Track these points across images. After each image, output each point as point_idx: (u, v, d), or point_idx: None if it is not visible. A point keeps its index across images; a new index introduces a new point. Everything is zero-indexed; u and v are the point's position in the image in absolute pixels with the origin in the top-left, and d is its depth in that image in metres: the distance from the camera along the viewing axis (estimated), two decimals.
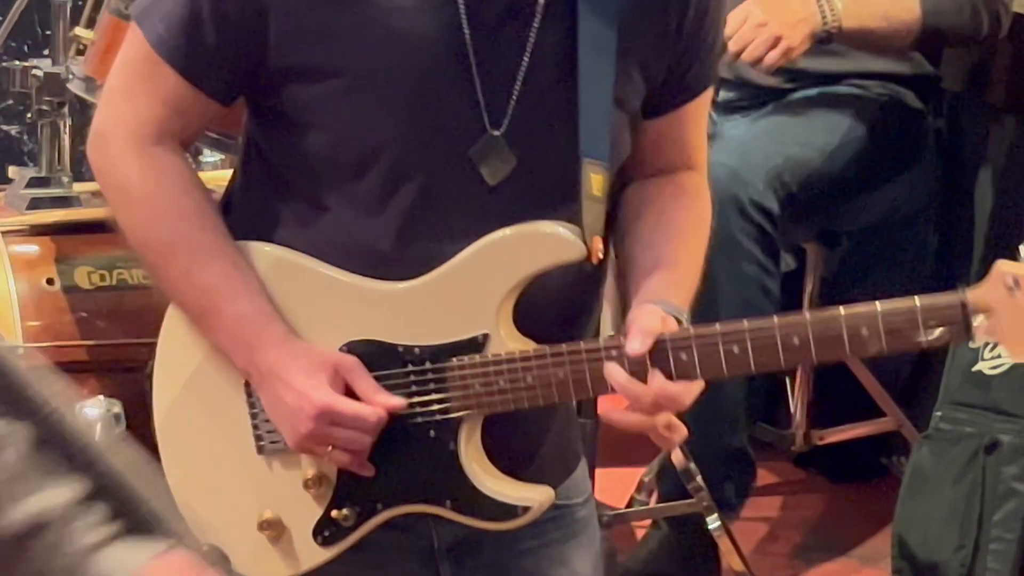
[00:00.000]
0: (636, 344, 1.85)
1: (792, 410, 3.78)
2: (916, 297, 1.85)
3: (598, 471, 3.02)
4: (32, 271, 3.18)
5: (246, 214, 2.14)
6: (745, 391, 3.29)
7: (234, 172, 2.25)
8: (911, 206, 3.58)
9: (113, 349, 3.13)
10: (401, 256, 2.00)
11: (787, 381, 3.84)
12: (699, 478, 3.12)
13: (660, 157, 2.13)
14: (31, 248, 3.24)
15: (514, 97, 1.97)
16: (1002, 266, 1.83)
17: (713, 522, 3.13)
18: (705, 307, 2.82)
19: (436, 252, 1.98)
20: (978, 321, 1.81)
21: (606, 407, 2.06)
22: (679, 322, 1.91)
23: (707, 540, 3.20)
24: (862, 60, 3.45)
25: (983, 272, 2.70)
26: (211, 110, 2.07)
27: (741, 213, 3.16)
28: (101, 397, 3.03)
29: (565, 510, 2.16)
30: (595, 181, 1.99)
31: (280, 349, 2.00)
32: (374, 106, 2.00)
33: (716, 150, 3.02)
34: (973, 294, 1.81)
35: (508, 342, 1.95)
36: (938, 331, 1.84)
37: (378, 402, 1.94)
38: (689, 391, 1.89)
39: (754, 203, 3.16)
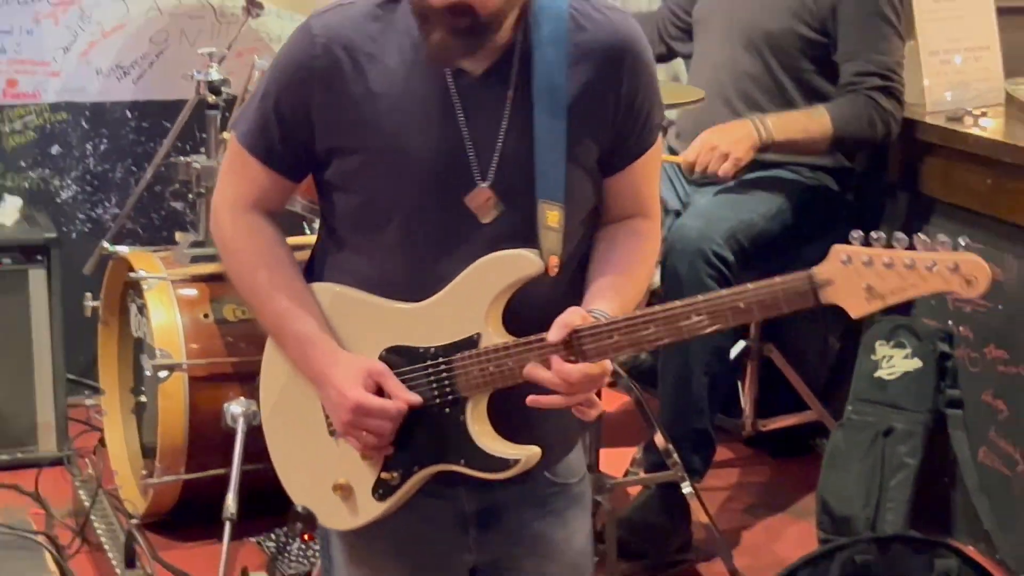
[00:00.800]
0: (553, 334, 1.99)
1: (743, 405, 3.93)
2: (777, 277, 1.93)
3: (601, 450, 3.23)
4: (193, 308, 3.39)
5: (319, 261, 2.31)
6: (708, 390, 3.39)
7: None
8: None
9: (250, 364, 3.04)
10: (418, 284, 2.14)
11: (739, 384, 3.91)
12: (675, 455, 3.22)
13: (618, 206, 2.24)
14: (192, 291, 3.43)
15: (495, 158, 2.10)
16: (837, 247, 1.89)
17: (686, 487, 3.26)
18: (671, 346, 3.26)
19: (443, 276, 2.12)
20: (825, 293, 1.89)
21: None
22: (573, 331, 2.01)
23: (681, 499, 3.31)
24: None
25: None
26: (285, 185, 2.27)
27: (706, 262, 3.27)
28: (242, 398, 3.27)
29: (565, 486, 2.31)
30: (551, 216, 2.08)
31: (326, 359, 2.16)
32: (388, 175, 2.14)
33: (688, 215, 3.41)
34: (817, 270, 1.89)
35: (495, 338, 2.09)
36: (788, 305, 1.94)
37: (400, 398, 2.10)
38: (597, 375, 2.03)
39: (716, 254, 3.27)
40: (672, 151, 3.54)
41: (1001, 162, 3.23)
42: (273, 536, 3.29)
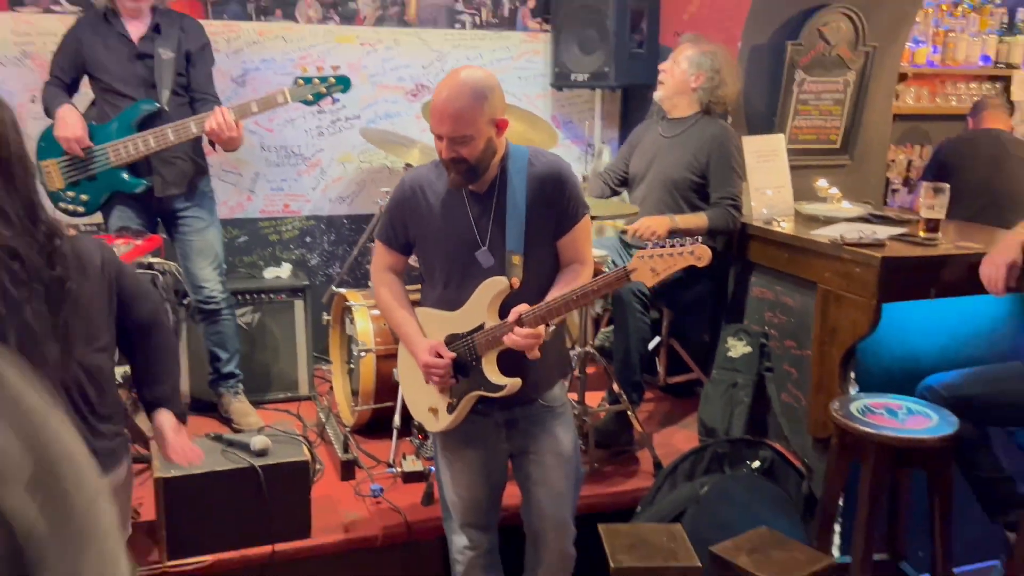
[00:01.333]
0: (511, 317, 2.11)
1: (659, 369, 3.84)
2: (611, 273, 2.09)
3: (586, 393, 3.15)
4: (377, 320, 3.29)
5: (421, 296, 2.36)
6: (639, 360, 3.28)
7: None
8: (702, 297, 3.53)
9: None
10: (455, 301, 2.22)
11: (655, 358, 3.81)
12: (623, 395, 3.18)
13: (566, 257, 2.25)
14: (376, 312, 3.28)
15: (488, 232, 2.17)
16: (637, 252, 2.08)
17: (629, 411, 3.19)
18: (619, 333, 3.24)
19: (466, 296, 2.20)
20: (633, 275, 2.07)
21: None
22: (519, 317, 2.11)
23: (627, 418, 3.24)
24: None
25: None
26: (401, 257, 2.33)
27: (634, 295, 3.20)
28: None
29: (551, 408, 2.32)
30: (514, 259, 2.14)
31: (416, 345, 2.25)
32: (438, 247, 2.23)
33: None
34: (628, 265, 2.07)
35: (491, 324, 2.17)
36: (617, 283, 2.11)
37: (446, 355, 2.20)
38: (536, 332, 2.09)
39: (639, 290, 3.18)
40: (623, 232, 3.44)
41: (792, 245, 3.20)
42: (418, 438, 3.31)
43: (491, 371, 2.21)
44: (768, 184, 3.49)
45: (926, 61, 5.17)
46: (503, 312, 2.18)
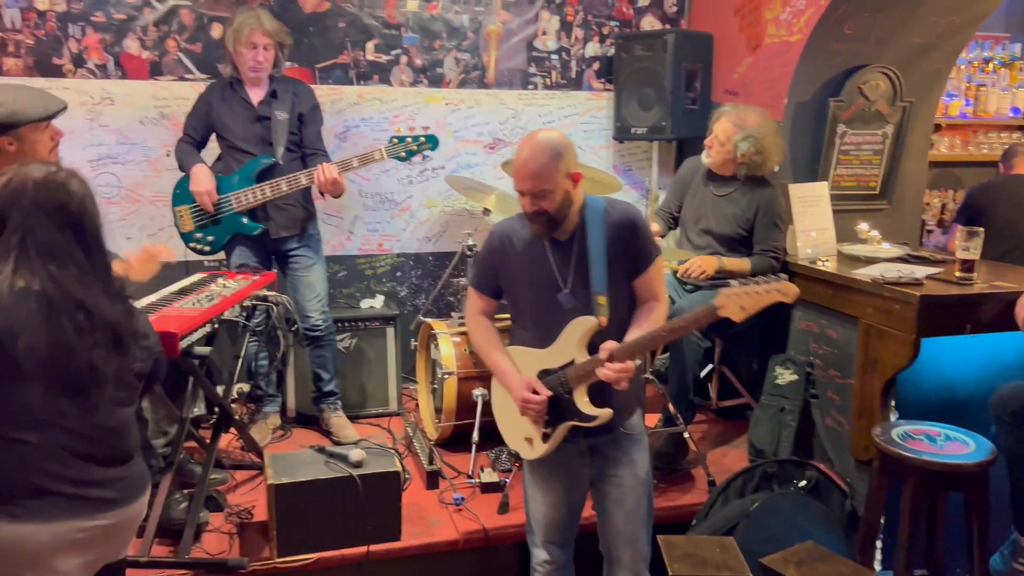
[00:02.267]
0: (602, 354, 2.07)
1: (711, 393, 3.79)
2: (700, 309, 2.03)
3: (646, 415, 3.31)
4: (459, 346, 3.32)
5: (511, 336, 2.32)
6: (692, 383, 3.24)
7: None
8: (750, 328, 2.99)
9: (484, 372, 3.11)
10: (544, 340, 2.19)
11: (709, 384, 3.76)
12: (678, 416, 3.14)
13: (641, 295, 2.21)
14: (458, 339, 3.35)
15: (570, 275, 2.15)
16: (722, 290, 2.01)
17: (683, 432, 3.16)
18: (675, 358, 3.20)
19: (554, 334, 2.17)
20: (720, 311, 2.00)
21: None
22: (610, 354, 2.06)
23: (682, 439, 3.21)
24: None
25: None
26: (492, 302, 2.31)
27: None
28: (480, 388, 3.23)
29: (631, 435, 2.27)
30: (600, 299, 2.11)
31: (512, 382, 2.21)
32: (527, 291, 2.21)
33: (679, 304, 3.18)
34: (715, 301, 2.01)
35: (580, 359, 2.13)
36: (705, 319, 2.04)
37: (542, 393, 2.16)
38: (626, 367, 2.05)
39: None
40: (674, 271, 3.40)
41: (835, 283, 3.13)
42: (494, 452, 3.32)
43: (583, 403, 2.17)
44: (813, 227, 3.43)
45: (959, 113, 5.06)
46: (591, 348, 2.15)
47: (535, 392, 2.17)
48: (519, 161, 2.10)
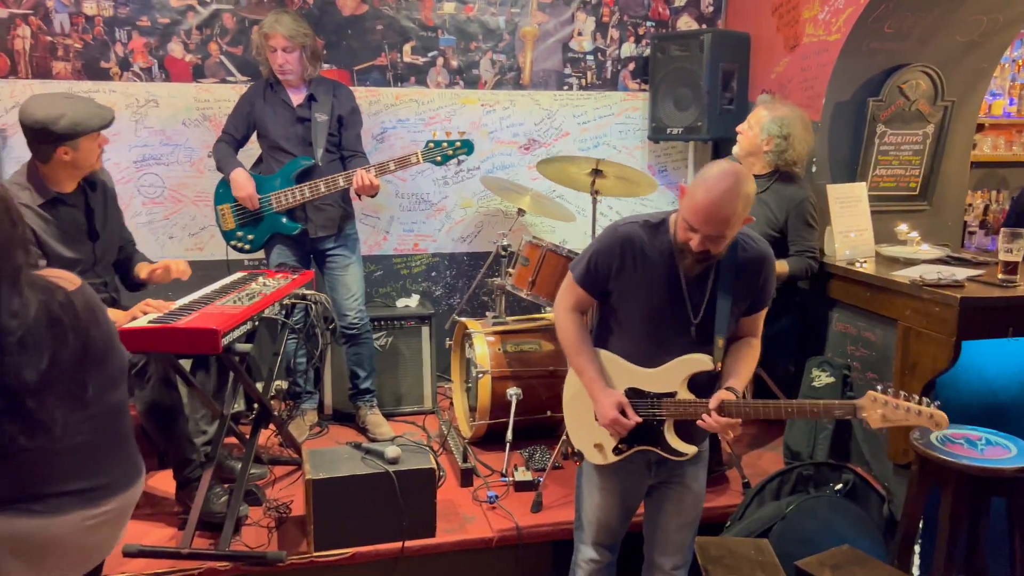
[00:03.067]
0: (712, 403, 2.03)
1: (747, 394, 3.48)
2: (836, 402, 2.05)
3: None
4: (493, 346, 3.34)
5: (598, 337, 2.23)
6: None
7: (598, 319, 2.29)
8: (787, 330, 3.38)
9: (519, 372, 3.27)
10: (648, 359, 2.12)
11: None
12: None
13: (744, 331, 2.18)
14: (492, 338, 3.37)
15: (701, 312, 2.07)
16: (870, 392, 1.98)
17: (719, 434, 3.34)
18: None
19: (662, 359, 2.10)
20: (861, 412, 1.98)
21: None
22: (734, 394, 2.05)
23: (717, 441, 3.14)
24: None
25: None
26: (590, 300, 2.20)
27: None
28: (515, 387, 3.25)
29: (700, 452, 2.24)
30: (719, 342, 2.07)
31: (599, 390, 2.14)
32: (644, 306, 2.10)
33: None
34: (858, 403, 1.98)
35: (683, 395, 2.09)
36: (841, 415, 2.03)
37: (633, 419, 2.10)
38: (735, 423, 2.04)
39: None
40: None
41: (873, 284, 3.08)
42: (528, 451, 3.33)
43: (673, 439, 2.14)
44: (851, 228, 3.38)
45: (1003, 112, 4.95)
46: (692, 383, 2.11)
47: (624, 413, 2.11)
48: (709, 200, 1.93)
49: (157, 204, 3.86)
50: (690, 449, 2.15)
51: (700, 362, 2.09)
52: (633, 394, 2.14)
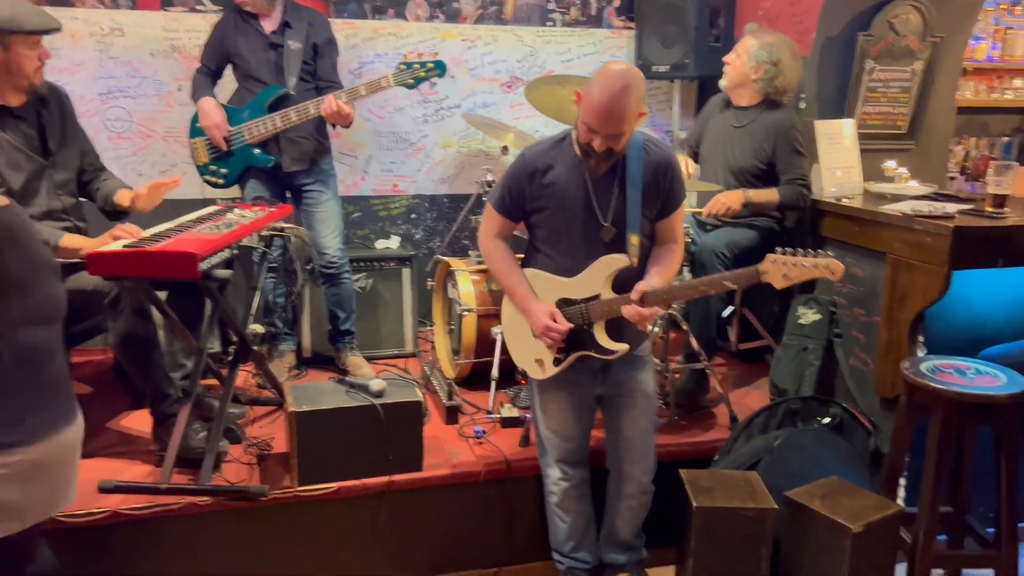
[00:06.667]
0: (634, 295, 2.13)
1: (731, 335, 3.72)
2: (742, 270, 2.13)
3: (668, 356, 3.15)
4: (478, 284, 3.30)
5: (527, 257, 2.35)
6: (717, 324, 3.26)
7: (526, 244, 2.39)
8: None
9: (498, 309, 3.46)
10: (572, 269, 2.23)
11: (728, 327, 3.70)
12: (701, 353, 3.10)
13: (662, 237, 2.29)
14: (477, 276, 3.33)
15: (610, 212, 2.18)
16: (769, 255, 2.10)
17: (708, 369, 3.16)
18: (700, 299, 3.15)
19: (584, 266, 2.22)
20: (764, 276, 2.09)
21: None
22: (642, 295, 2.13)
23: (704, 376, 3.23)
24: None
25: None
26: (512, 225, 2.33)
27: (716, 256, 3.05)
28: (499, 325, 3.19)
29: (642, 356, 2.39)
30: (633, 240, 2.18)
31: (533, 306, 2.25)
32: (560, 220, 2.22)
33: (704, 240, 3.16)
34: (760, 266, 2.10)
35: (606, 295, 2.20)
36: (747, 282, 2.14)
37: (565, 325, 2.22)
38: (653, 311, 2.14)
39: (720, 253, 3.06)
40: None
41: (862, 219, 3.07)
42: (513, 390, 3.30)
43: (603, 338, 2.25)
44: (838, 165, 3.35)
45: (985, 56, 4.94)
46: (615, 285, 2.21)
47: (556, 321, 2.21)
48: (601, 100, 2.04)
49: (124, 139, 3.72)
50: (620, 347, 2.24)
51: (617, 260, 2.20)
52: (563, 304, 2.26)
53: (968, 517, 2.70)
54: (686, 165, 3.43)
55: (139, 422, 2.90)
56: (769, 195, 3.24)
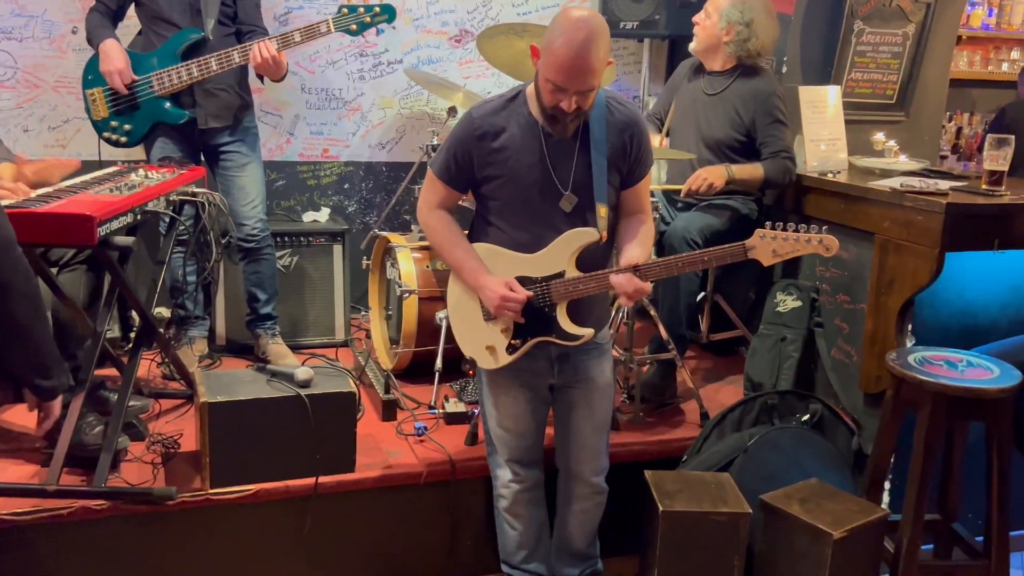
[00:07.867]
0: (624, 262, 2.16)
1: (701, 326, 3.76)
2: (726, 246, 2.20)
3: (634, 348, 3.15)
4: (420, 263, 3.29)
5: (476, 232, 2.33)
6: (687, 313, 3.25)
7: (473, 216, 2.38)
8: None
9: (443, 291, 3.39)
10: (530, 244, 2.22)
11: (699, 315, 3.73)
12: (670, 344, 3.13)
13: (629, 207, 2.29)
14: (419, 254, 3.32)
15: (571, 179, 2.17)
16: (758, 230, 2.15)
17: (675, 361, 3.17)
18: (669, 282, 3.19)
19: (544, 241, 2.20)
20: (751, 252, 2.15)
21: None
22: (636, 266, 2.14)
23: (672, 369, 3.25)
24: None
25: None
26: (457, 195, 2.31)
27: (686, 243, 3.07)
28: (445, 310, 3.07)
29: (600, 345, 2.38)
30: (601, 210, 2.17)
31: (486, 279, 2.22)
32: (514, 189, 2.19)
33: (678, 220, 3.23)
34: (747, 241, 2.15)
35: (572, 273, 2.20)
36: (732, 258, 2.20)
37: (522, 293, 2.19)
38: (647, 285, 2.15)
39: (691, 240, 3.09)
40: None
41: (846, 195, 3.13)
42: (459, 383, 3.29)
43: (565, 322, 2.24)
44: (822, 136, 3.40)
45: (981, 24, 5.08)
46: (581, 262, 2.21)
47: (513, 291, 2.19)
48: (568, 52, 2.00)
49: (7, 89, 3.62)
50: (586, 331, 2.24)
51: (584, 234, 2.19)
52: (521, 281, 2.23)
53: (956, 525, 2.76)
54: (656, 141, 3.45)
55: (24, 417, 2.81)
56: (753, 170, 3.26)
